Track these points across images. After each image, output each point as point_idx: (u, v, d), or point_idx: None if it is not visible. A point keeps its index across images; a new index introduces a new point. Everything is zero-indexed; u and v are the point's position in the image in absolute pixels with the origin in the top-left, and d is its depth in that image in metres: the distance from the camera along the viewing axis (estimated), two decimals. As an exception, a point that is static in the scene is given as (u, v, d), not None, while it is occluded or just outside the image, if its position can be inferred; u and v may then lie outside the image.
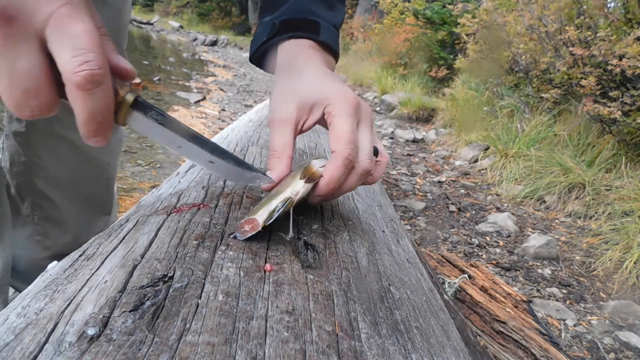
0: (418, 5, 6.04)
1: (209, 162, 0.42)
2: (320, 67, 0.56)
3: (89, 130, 0.34)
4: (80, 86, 0.31)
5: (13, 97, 0.30)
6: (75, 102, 0.32)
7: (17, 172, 0.98)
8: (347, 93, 0.51)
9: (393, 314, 0.38)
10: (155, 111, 0.38)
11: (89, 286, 0.33)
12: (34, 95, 0.31)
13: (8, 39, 0.29)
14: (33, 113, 0.31)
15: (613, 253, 2.07)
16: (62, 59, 0.31)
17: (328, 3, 0.64)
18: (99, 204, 1.12)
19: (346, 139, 0.47)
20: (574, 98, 3.22)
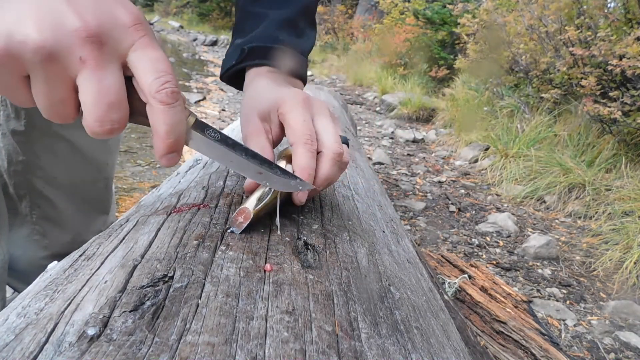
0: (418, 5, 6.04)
1: (258, 173, 0.44)
2: (279, 81, 0.59)
3: (167, 144, 0.38)
4: (163, 101, 0.36)
5: (98, 111, 0.35)
6: (158, 117, 0.37)
7: (15, 171, 0.98)
8: (297, 93, 0.52)
9: (393, 314, 0.38)
10: (212, 130, 0.41)
11: (89, 286, 0.33)
12: (116, 108, 0.35)
13: (99, 60, 0.34)
14: (113, 127, 0.36)
15: (613, 253, 2.07)
16: (146, 80, 0.36)
17: (297, 31, 0.66)
18: (97, 203, 1.12)
19: (299, 127, 0.48)
20: (574, 98, 3.22)
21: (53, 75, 0.34)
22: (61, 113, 0.36)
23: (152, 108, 0.37)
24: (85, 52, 0.33)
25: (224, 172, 0.60)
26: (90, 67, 0.34)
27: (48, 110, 0.36)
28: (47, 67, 0.33)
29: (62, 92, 0.35)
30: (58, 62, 0.33)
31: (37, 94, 0.35)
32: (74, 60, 0.33)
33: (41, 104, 0.35)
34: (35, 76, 0.34)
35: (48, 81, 0.34)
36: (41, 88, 0.34)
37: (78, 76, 0.34)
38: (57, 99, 0.35)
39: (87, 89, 0.34)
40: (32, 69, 0.33)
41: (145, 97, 0.37)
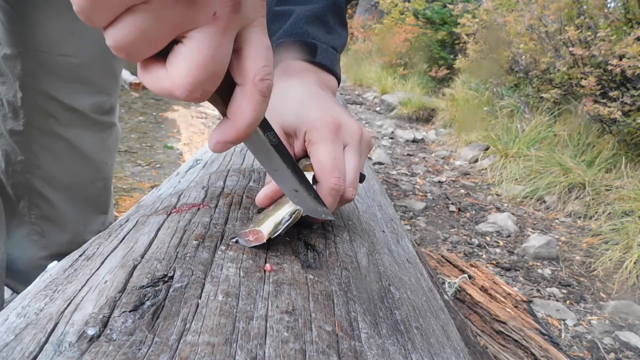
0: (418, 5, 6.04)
1: (294, 190, 0.42)
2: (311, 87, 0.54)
3: (241, 134, 0.35)
4: (262, 92, 0.34)
5: (200, 76, 0.30)
6: (248, 105, 0.34)
7: (14, 171, 0.98)
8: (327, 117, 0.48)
9: (393, 314, 0.38)
10: (272, 133, 0.39)
11: (89, 286, 0.33)
12: (216, 80, 0.32)
13: (229, 23, 0.30)
14: (199, 97, 0.32)
15: (613, 253, 2.07)
16: (255, 64, 0.33)
17: (326, 27, 0.62)
18: (96, 203, 1.12)
19: (329, 167, 0.45)
20: (574, 98, 3.22)
21: (171, 16, 0.28)
22: (138, 52, 0.30)
23: (245, 94, 0.34)
24: (223, 9, 0.29)
25: (224, 172, 0.60)
26: (217, 27, 0.30)
27: (125, 43, 0.29)
28: (175, 6, 0.28)
29: (164, 36, 0.29)
30: (190, 7, 0.28)
31: (131, 24, 0.28)
32: (206, 11, 0.29)
33: (124, 34, 0.29)
34: (148, 9, 0.28)
35: (158, 20, 0.28)
36: (141, 22, 0.28)
37: (196, 29, 0.30)
38: (151, 38, 0.29)
39: (201, 49, 0.30)
40: (156, 2, 0.28)
41: (244, 79, 0.33)
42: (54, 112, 0.96)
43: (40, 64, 0.91)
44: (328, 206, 0.45)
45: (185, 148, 3.12)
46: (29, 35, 0.89)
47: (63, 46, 0.91)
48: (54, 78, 0.94)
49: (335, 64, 0.60)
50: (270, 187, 0.46)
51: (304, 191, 0.43)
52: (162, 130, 3.50)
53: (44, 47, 0.90)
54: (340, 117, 0.49)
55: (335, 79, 0.61)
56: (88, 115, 1.00)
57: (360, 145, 0.49)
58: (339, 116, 0.49)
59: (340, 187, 0.45)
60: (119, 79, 1.05)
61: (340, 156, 0.46)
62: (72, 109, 0.98)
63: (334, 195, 0.45)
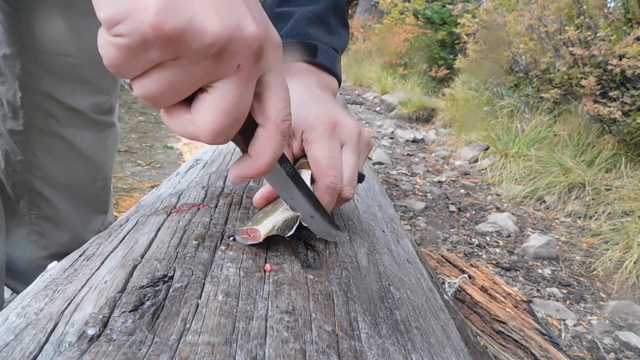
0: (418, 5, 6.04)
1: (310, 216, 0.44)
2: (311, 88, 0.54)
3: (260, 170, 0.37)
4: (283, 132, 0.36)
5: (224, 122, 0.32)
6: (269, 145, 0.36)
7: (14, 171, 0.98)
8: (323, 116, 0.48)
9: (393, 314, 0.38)
10: (288, 164, 0.41)
11: (89, 286, 0.33)
12: (238, 124, 0.34)
13: (252, 72, 0.32)
14: (223, 140, 0.34)
15: (613, 253, 2.07)
16: (276, 106, 0.35)
17: (327, 28, 0.62)
18: (96, 203, 1.12)
19: (325, 165, 0.45)
20: (574, 98, 3.22)
21: (198, 70, 0.30)
22: (165, 101, 0.32)
23: (267, 134, 0.35)
24: (247, 61, 0.31)
25: (224, 172, 0.60)
26: (240, 78, 0.32)
27: (154, 94, 0.31)
28: (203, 62, 0.30)
29: (191, 87, 0.31)
30: (217, 62, 0.30)
31: (160, 78, 0.30)
32: (231, 65, 0.31)
33: (153, 87, 0.30)
34: (177, 64, 0.29)
35: (186, 74, 0.30)
36: (170, 76, 0.30)
37: (221, 80, 0.31)
38: (178, 90, 0.31)
39: (225, 98, 0.31)
40: (185, 59, 0.29)
41: (266, 121, 0.35)
42: (54, 112, 0.96)
43: (40, 63, 0.91)
44: (326, 205, 0.45)
45: (185, 148, 3.12)
46: (28, 35, 0.89)
47: (62, 46, 0.91)
48: (53, 78, 0.93)
49: (335, 65, 0.60)
50: (267, 188, 0.46)
51: (319, 217, 0.44)
52: (162, 130, 3.50)
53: (43, 47, 0.90)
54: (338, 116, 0.49)
55: (336, 80, 0.61)
56: (88, 115, 1.00)
57: (358, 145, 0.49)
58: (336, 115, 0.49)
59: (337, 186, 0.45)
60: (119, 79, 1.06)
61: (336, 154, 0.47)
62: (71, 108, 0.98)
63: (331, 194, 0.45)
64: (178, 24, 0.28)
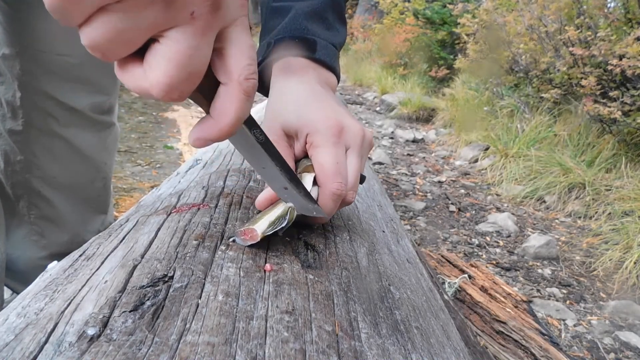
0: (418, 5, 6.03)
1: (284, 188, 0.42)
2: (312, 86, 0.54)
3: (223, 132, 0.35)
4: (247, 91, 0.33)
5: (177, 76, 0.30)
6: (232, 104, 0.34)
7: (13, 171, 0.98)
8: (329, 119, 0.47)
9: (393, 314, 0.38)
10: (259, 130, 0.39)
11: (89, 286, 0.33)
12: (193, 80, 0.31)
13: (208, 23, 0.30)
14: (177, 97, 0.31)
15: (613, 253, 2.07)
16: (238, 63, 0.33)
17: (326, 23, 0.61)
18: (95, 203, 1.12)
19: (331, 172, 0.44)
20: (574, 98, 3.22)
21: (146, 16, 0.28)
22: (113, 52, 0.29)
23: (229, 92, 0.33)
24: (202, 9, 0.29)
25: (224, 172, 0.60)
26: (195, 27, 0.29)
27: (100, 42, 0.28)
28: (150, 6, 0.27)
29: (140, 36, 0.29)
30: (167, 7, 0.28)
31: (105, 24, 0.28)
32: (183, 11, 0.28)
33: (98, 33, 0.28)
34: (122, 9, 0.27)
35: (133, 20, 0.27)
36: (116, 22, 0.27)
37: (173, 29, 0.29)
38: (126, 38, 0.28)
39: (178, 49, 0.29)
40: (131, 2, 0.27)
41: (229, 78, 0.33)
42: (53, 111, 0.96)
43: (39, 63, 0.91)
44: (328, 210, 0.45)
45: (185, 148, 3.12)
46: (27, 35, 0.89)
47: (61, 46, 0.91)
48: (52, 78, 0.94)
49: (335, 61, 0.60)
50: (270, 191, 0.45)
51: (293, 189, 0.42)
52: (162, 130, 3.50)
53: (42, 46, 0.90)
54: (343, 119, 0.48)
55: (335, 76, 0.60)
56: (87, 114, 1.00)
57: (362, 148, 0.49)
58: (341, 118, 0.48)
59: (342, 193, 0.44)
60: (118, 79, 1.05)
61: (342, 160, 0.46)
62: (71, 108, 0.98)
63: (336, 200, 0.45)
64: None
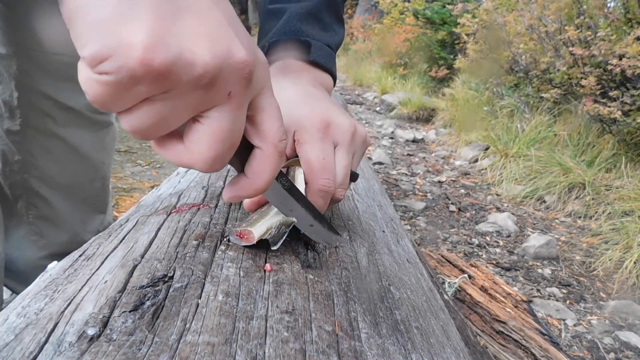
0: (418, 5, 6.03)
1: (310, 225, 0.44)
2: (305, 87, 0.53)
3: (258, 190, 0.37)
4: (281, 152, 0.35)
5: (219, 150, 0.31)
6: (267, 165, 0.35)
7: (11, 171, 0.98)
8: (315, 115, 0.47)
9: (393, 314, 0.38)
10: (285, 178, 0.41)
11: (89, 286, 0.33)
12: (233, 150, 0.33)
13: (243, 98, 0.31)
14: (219, 167, 0.33)
15: (613, 253, 2.07)
16: (271, 128, 0.35)
17: (321, 24, 0.61)
18: (94, 202, 1.11)
19: (318, 168, 0.44)
20: (574, 98, 3.22)
21: (190, 101, 0.29)
22: (155, 134, 0.31)
23: (265, 155, 0.35)
24: (238, 88, 0.30)
25: (224, 172, 0.60)
26: (233, 104, 0.31)
27: (143, 128, 0.29)
28: (194, 93, 0.28)
29: (181, 120, 0.30)
30: (208, 92, 0.29)
31: (150, 112, 0.29)
32: (222, 93, 0.30)
33: (142, 121, 0.29)
34: (167, 98, 0.28)
35: (177, 106, 0.29)
36: (160, 109, 0.29)
37: (214, 109, 0.30)
38: (169, 122, 0.30)
39: (219, 126, 0.31)
40: (176, 92, 0.28)
41: (263, 142, 0.35)
42: (50, 111, 0.96)
43: (35, 63, 0.91)
44: (318, 207, 0.45)
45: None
46: (23, 35, 0.89)
47: (57, 45, 0.91)
48: (49, 77, 0.93)
49: (330, 62, 0.59)
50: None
51: (318, 224, 0.44)
52: (162, 130, 3.50)
53: (40, 46, 0.90)
54: (331, 115, 0.48)
55: (331, 77, 0.60)
56: (84, 114, 1.00)
57: (352, 144, 0.48)
58: (329, 114, 0.48)
59: (330, 189, 0.44)
60: None
61: (329, 156, 0.46)
62: (68, 108, 0.97)
63: (324, 197, 0.44)
64: (167, 58, 0.26)
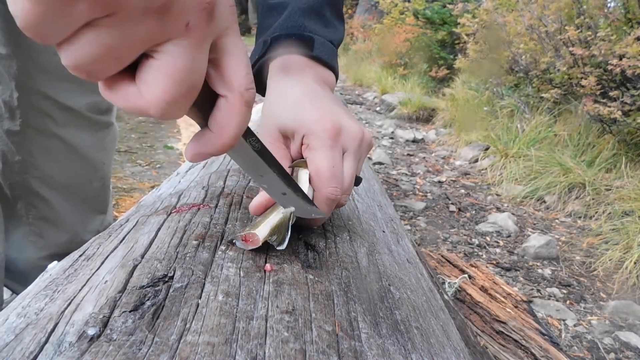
0: (418, 5, 6.03)
1: (282, 193, 0.42)
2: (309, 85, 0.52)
3: (225, 145, 0.33)
4: (248, 102, 0.32)
5: (176, 91, 0.28)
6: (233, 116, 0.32)
7: (11, 171, 0.98)
8: (326, 120, 0.46)
9: (393, 314, 0.38)
10: (255, 138, 0.38)
11: (89, 286, 0.33)
12: (192, 94, 0.29)
13: (204, 33, 0.28)
14: (178, 114, 0.30)
15: (613, 253, 2.07)
16: (237, 73, 0.31)
17: (323, 21, 0.60)
18: (94, 203, 1.11)
19: (327, 176, 0.43)
20: (574, 98, 3.22)
21: (140, 30, 0.25)
22: (101, 71, 0.27)
23: (230, 105, 0.32)
24: (197, 19, 0.27)
25: (224, 172, 0.60)
26: (191, 39, 0.27)
27: (86, 62, 0.26)
28: (144, 19, 0.25)
29: (131, 52, 0.26)
30: (162, 19, 0.25)
31: (92, 41, 0.25)
32: (178, 23, 0.26)
33: (84, 52, 0.25)
34: (112, 23, 0.24)
35: (125, 35, 0.25)
36: (105, 38, 0.25)
37: (168, 42, 0.27)
38: (116, 56, 0.26)
39: (175, 63, 0.27)
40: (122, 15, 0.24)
41: (228, 90, 0.31)
42: (50, 111, 0.96)
43: (35, 63, 0.91)
44: (323, 212, 0.44)
45: (186, 148, 3.12)
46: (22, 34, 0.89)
47: None
48: (49, 77, 0.93)
49: (333, 59, 0.58)
50: (264, 196, 0.45)
51: (292, 193, 0.42)
52: (162, 130, 3.50)
53: (39, 46, 0.90)
54: (341, 120, 0.47)
55: (334, 74, 0.59)
56: (84, 114, 1.00)
57: (360, 150, 0.48)
58: (339, 119, 0.47)
59: (337, 197, 0.44)
60: None
61: (339, 164, 0.45)
62: (68, 108, 0.98)
63: (330, 204, 0.44)
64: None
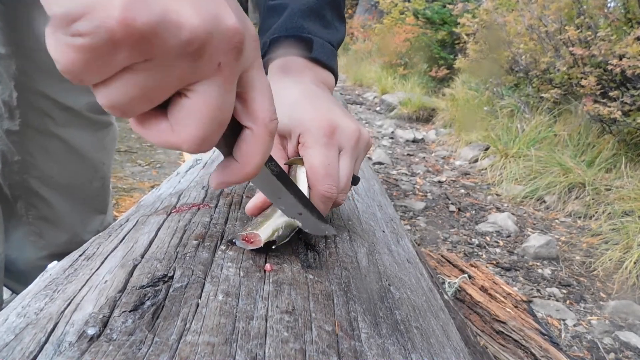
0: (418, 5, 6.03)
1: (299, 213, 0.42)
2: (307, 86, 0.52)
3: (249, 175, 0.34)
4: (272, 133, 0.33)
5: (209, 128, 0.28)
6: (258, 147, 0.33)
7: (11, 171, 0.98)
8: (321, 119, 0.46)
9: (393, 313, 0.38)
10: (274, 163, 0.39)
11: (89, 286, 0.33)
12: (222, 129, 0.30)
13: (234, 71, 0.29)
14: (207, 148, 0.30)
15: (613, 253, 2.07)
16: (263, 105, 0.32)
17: (323, 22, 0.60)
18: (94, 203, 1.11)
19: (322, 174, 0.44)
20: (574, 98, 3.22)
21: (175, 72, 0.26)
22: (134, 110, 0.27)
23: (255, 136, 0.32)
24: (227, 58, 0.28)
25: (224, 172, 0.60)
26: (222, 77, 0.28)
27: (122, 102, 0.26)
28: (179, 62, 0.25)
29: (164, 94, 0.27)
30: (196, 61, 0.26)
31: (129, 84, 0.26)
32: (211, 63, 0.27)
33: (121, 93, 0.26)
34: (149, 67, 0.25)
35: (161, 77, 0.26)
36: (142, 81, 0.26)
37: (200, 82, 0.27)
38: (151, 96, 0.27)
39: (208, 102, 0.28)
40: (159, 60, 0.25)
41: (254, 122, 0.32)
42: (50, 111, 0.96)
43: (35, 63, 0.91)
44: (320, 211, 0.44)
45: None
46: (22, 34, 0.88)
47: None
48: (48, 77, 0.93)
49: (332, 60, 0.58)
50: (259, 197, 0.45)
51: (307, 213, 0.43)
52: (162, 130, 3.50)
53: (39, 46, 0.90)
54: (337, 119, 0.47)
55: (333, 75, 0.59)
56: (84, 114, 1.00)
57: (357, 149, 0.48)
58: (335, 118, 0.47)
59: (333, 195, 0.44)
60: None
61: (334, 162, 0.45)
62: (67, 108, 0.98)
63: (326, 202, 0.44)
64: (151, 19, 0.24)
